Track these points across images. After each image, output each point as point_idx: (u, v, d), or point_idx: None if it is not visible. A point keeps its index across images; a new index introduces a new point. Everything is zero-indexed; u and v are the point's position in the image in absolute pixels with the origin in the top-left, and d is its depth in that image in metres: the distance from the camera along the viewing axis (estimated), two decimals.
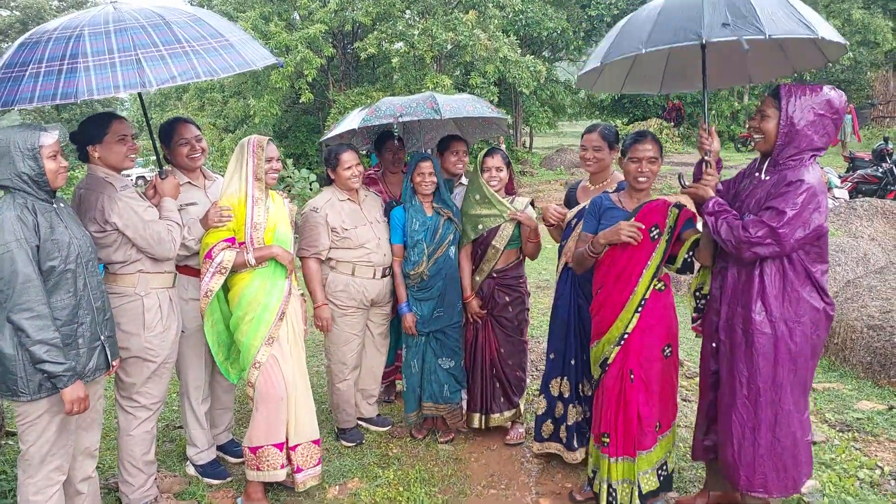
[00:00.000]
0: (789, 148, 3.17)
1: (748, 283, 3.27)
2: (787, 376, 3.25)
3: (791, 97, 3.13)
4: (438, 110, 4.54)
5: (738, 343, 3.31)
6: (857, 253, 8.26)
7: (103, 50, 3.08)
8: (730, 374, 3.37)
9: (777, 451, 3.30)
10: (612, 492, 3.70)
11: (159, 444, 4.72)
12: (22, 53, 3.18)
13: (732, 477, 3.41)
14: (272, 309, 3.87)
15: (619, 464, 3.68)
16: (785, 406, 3.27)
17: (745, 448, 3.33)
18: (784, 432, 3.29)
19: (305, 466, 4.01)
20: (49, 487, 3.21)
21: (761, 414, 3.28)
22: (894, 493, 3.93)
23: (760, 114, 3.24)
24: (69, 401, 3.05)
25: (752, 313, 3.23)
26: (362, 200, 4.72)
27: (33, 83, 3.04)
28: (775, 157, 3.22)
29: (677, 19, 3.19)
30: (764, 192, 3.22)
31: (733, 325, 3.33)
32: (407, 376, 4.81)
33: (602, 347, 3.70)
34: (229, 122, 23.41)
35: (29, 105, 3.03)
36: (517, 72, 20.25)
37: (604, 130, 4.16)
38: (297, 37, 18.51)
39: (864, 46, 27.23)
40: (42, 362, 2.96)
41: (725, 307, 3.37)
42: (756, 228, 3.09)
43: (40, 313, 2.95)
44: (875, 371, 5.57)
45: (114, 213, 3.52)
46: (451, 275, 4.64)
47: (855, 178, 13.30)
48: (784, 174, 3.16)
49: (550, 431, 4.37)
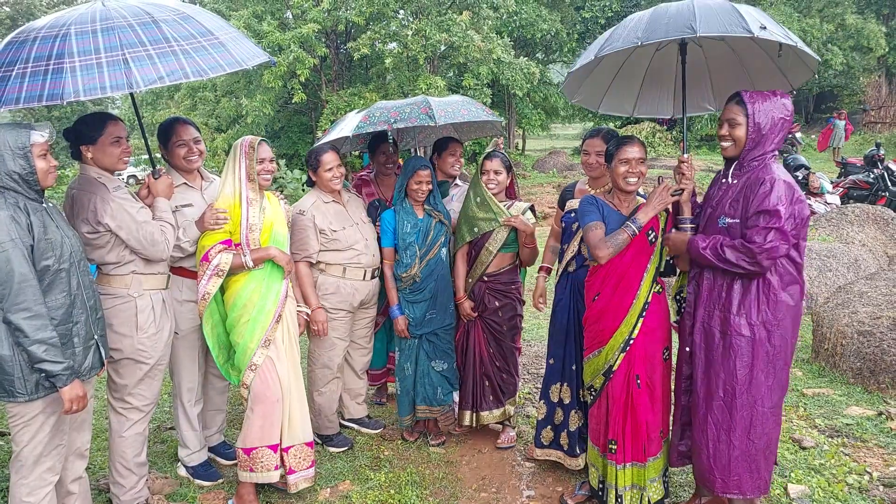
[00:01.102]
0: (755, 151, 3.29)
1: (727, 286, 3.32)
2: (764, 379, 3.30)
3: (755, 103, 3.25)
4: (433, 116, 4.53)
5: (716, 346, 3.36)
6: (847, 258, 8.29)
7: (90, 50, 3.04)
8: (705, 376, 3.42)
9: (751, 453, 3.35)
10: (619, 499, 3.69)
11: (150, 445, 4.70)
12: (9, 53, 3.14)
13: (707, 480, 3.45)
14: (268, 311, 3.87)
15: (627, 470, 3.67)
16: (761, 407, 3.31)
17: (721, 450, 3.37)
18: (759, 433, 3.34)
19: (298, 468, 4.01)
20: (42, 488, 3.19)
21: (737, 416, 3.32)
22: (882, 499, 3.95)
23: (730, 122, 3.32)
24: (68, 399, 3.04)
25: (731, 315, 3.29)
26: (346, 202, 4.70)
27: (19, 84, 3.01)
28: (741, 161, 3.33)
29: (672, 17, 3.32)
30: (733, 195, 3.31)
31: (710, 327, 3.38)
32: (400, 379, 4.80)
33: (605, 356, 3.66)
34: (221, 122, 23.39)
35: (15, 106, 2.99)
36: (511, 73, 20.32)
37: (606, 135, 4.16)
38: (290, 36, 18.51)
39: (856, 52, 27.39)
40: (41, 361, 2.95)
41: (702, 310, 3.42)
42: (761, 235, 3.14)
43: (38, 313, 2.94)
44: (865, 377, 5.60)
45: (106, 214, 3.49)
46: (443, 277, 4.64)
47: (846, 184, 13.35)
48: (756, 175, 3.25)
49: (550, 438, 4.35)
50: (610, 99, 4.37)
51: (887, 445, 4.59)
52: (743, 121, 3.27)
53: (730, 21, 3.17)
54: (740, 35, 3.14)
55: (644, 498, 3.67)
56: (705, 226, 3.45)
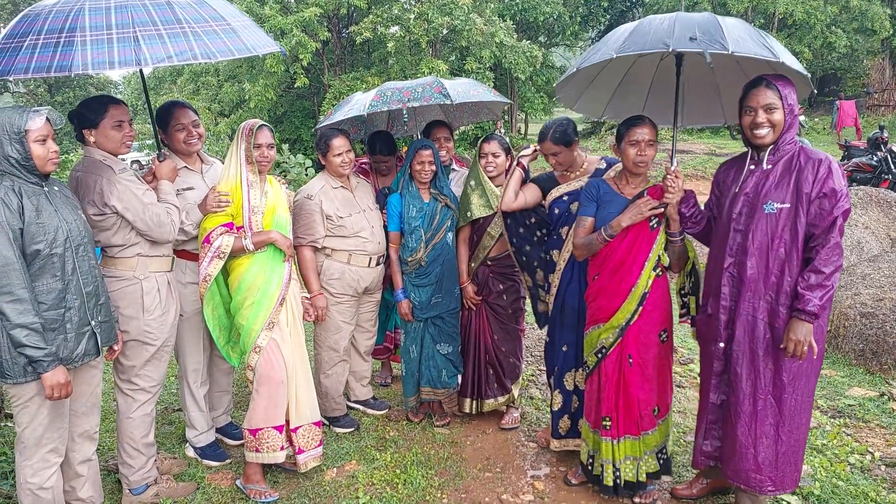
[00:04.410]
0: (789, 133, 3.24)
1: (777, 275, 3.21)
2: (811, 368, 3.25)
3: (784, 87, 3.20)
4: (448, 94, 4.50)
5: (761, 339, 3.25)
6: (851, 241, 8.29)
7: (101, 25, 3.05)
8: (751, 371, 3.29)
9: (796, 446, 3.31)
10: (615, 471, 3.73)
11: (158, 426, 4.75)
12: (23, 25, 3.16)
13: (753, 480, 3.34)
14: (272, 294, 3.88)
15: (622, 443, 3.71)
16: (803, 397, 3.26)
17: (769, 447, 3.28)
18: (803, 424, 3.29)
19: (307, 448, 4.05)
20: (45, 469, 3.21)
21: (786, 410, 3.24)
22: (885, 479, 3.98)
23: (766, 108, 3.20)
24: (49, 386, 3.01)
25: (780, 306, 3.20)
26: (354, 188, 4.69)
27: (30, 54, 3.03)
28: (778, 145, 3.25)
29: (652, 32, 3.28)
30: (775, 180, 3.22)
31: (754, 320, 3.26)
32: (405, 361, 4.83)
33: (600, 334, 3.70)
34: (224, 107, 23.36)
35: (24, 76, 3.01)
36: (513, 57, 20.24)
37: (554, 135, 4.09)
38: (292, 20, 18.45)
39: (860, 34, 27.21)
40: (22, 346, 2.93)
41: (745, 303, 3.28)
42: (830, 221, 3.09)
43: (20, 297, 2.91)
44: (867, 358, 5.63)
45: (113, 195, 3.48)
46: (449, 261, 4.65)
47: (850, 167, 13.33)
48: (800, 157, 3.20)
49: (568, 427, 4.27)
50: (613, 110, 4.30)
51: (889, 426, 4.63)
52: (779, 104, 3.18)
53: (710, 39, 3.11)
54: (717, 52, 3.07)
55: (641, 467, 3.71)
56: (740, 214, 3.30)
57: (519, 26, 24.97)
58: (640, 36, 3.29)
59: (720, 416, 3.49)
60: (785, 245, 3.18)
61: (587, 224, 3.73)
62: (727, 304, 3.36)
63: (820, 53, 27.90)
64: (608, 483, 3.76)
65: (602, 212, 3.67)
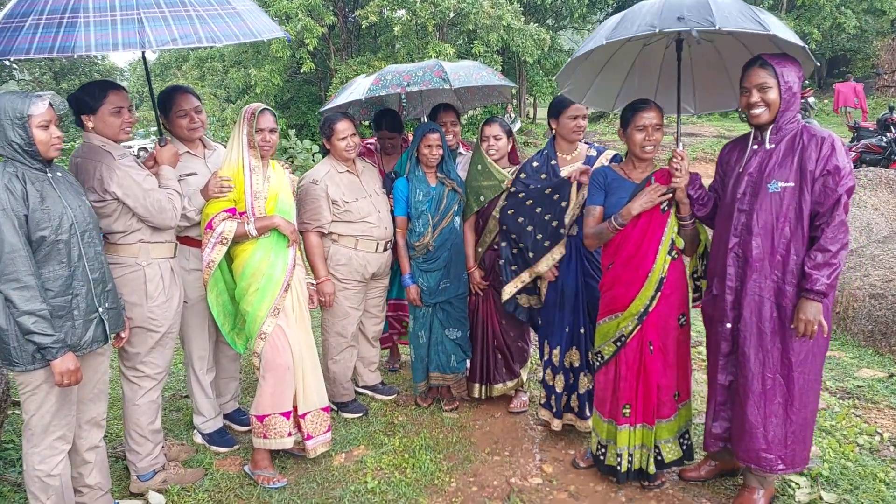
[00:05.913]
0: (789, 112, 3.20)
1: (782, 254, 3.19)
2: (818, 346, 3.24)
3: (781, 64, 3.16)
4: (447, 79, 4.47)
5: (768, 318, 3.24)
6: (860, 222, 8.25)
7: (105, 6, 3.03)
8: (758, 351, 3.27)
9: (805, 425, 3.30)
10: (630, 458, 3.73)
11: (166, 413, 4.76)
12: (24, 5, 3.12)
13: (763, 460, 3.31)
14: (277, 280, 3.87)
15: (636, 431, 3.70)
16: (811, 376, 3.24)
17: (779, 427, 3.27)
18: (812, 402, 3.28)
19: (316, 433, 4.05)
20: (53, 457, 3.21)
21: (795, 389, 3.23)
22: (893, 459, 3.97)
23: (759, 87, 3.18)
24: (58, 373, 3.00)
25: (786, 285, 3.18)
26: (361, 172, 4.66)
27: (32, 34, 2.99)
28: (778, 124, 3.22)
29: (641, 16, 3.26)
30: (778, 159, 3.20)
31: (761, 299, 3.25)
32: (414, 347, 4.83)
33: (619, 323, 3.65)
34: (230, 93, 23.31)
35: (26, 56, 2.98)
36: (521, 40, 20.08)
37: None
38: (298, 4, 18.34)
39: (870, 14, 26.95)
40: (30, 333, 2.93)
41: (752, 283, 3.26)
42: (837, 213, 3.06)
43: (27, 284, 2.90)
44: (876, 339, 5.60)
45: (113, 182, 3.46)
46: (457, 245, 4.63)
47: (859, 148, 13.24)
48: (803, 135, 3.17)
49: (565, 402, 4.32)
50: (623, 101, 4.15)
51: None
52: (774, 83, 3.15)
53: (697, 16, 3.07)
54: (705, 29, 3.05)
55: (651, 456, 3.70)
56: (744, 194, 3.28)
57: (526, 9, 24.78)
58: (628, 21, 3.28)
59: (729, 397, 3.48)
60: (790, 224, 3.16)
61: (596, 213, 3.70)
62: (733, 285, 3.34)
63: (829, 34, 27.64)
64: (623, 471, 3.75)
65: (612, 198, 3.64)
